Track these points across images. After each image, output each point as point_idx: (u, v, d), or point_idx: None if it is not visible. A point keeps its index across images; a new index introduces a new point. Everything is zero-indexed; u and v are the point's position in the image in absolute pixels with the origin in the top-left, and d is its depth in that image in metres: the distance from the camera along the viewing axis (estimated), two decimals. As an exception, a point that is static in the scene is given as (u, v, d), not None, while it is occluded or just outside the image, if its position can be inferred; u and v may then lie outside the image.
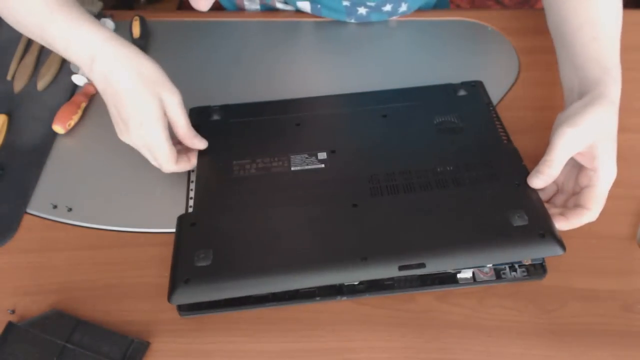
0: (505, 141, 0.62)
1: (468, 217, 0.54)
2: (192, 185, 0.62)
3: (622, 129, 0.66)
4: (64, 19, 0.57)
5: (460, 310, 0.54)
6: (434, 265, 0.52)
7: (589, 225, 0.59)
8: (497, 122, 0.64)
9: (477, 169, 0.58)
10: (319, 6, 0.79)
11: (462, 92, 0.67)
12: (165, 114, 0.59)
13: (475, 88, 0.68)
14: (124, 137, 0.60)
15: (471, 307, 0.55)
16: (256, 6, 0.85)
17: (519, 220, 0.53)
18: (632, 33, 0.74)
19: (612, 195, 0.61)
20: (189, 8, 0.90)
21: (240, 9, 0.86)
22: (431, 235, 0.53)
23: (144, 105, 0.57)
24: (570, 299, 0.55)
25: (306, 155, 0.61)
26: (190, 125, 0.61)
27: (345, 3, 0.77)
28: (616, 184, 0.62)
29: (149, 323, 0.55)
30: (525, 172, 0.58)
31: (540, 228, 0.53)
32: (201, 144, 0.63)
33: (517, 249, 0.53)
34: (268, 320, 0.54)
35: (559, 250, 0.52)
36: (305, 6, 0.80)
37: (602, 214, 0.60)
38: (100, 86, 0.58)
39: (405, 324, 0.54)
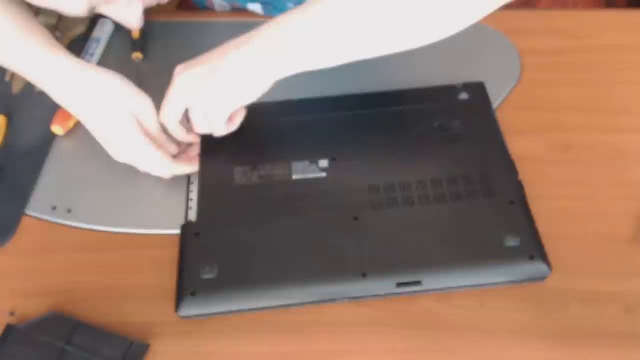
0: (503, 153, 0.61)
1: (463, 235, 0.55)
2: (192, 187, 0.62)
3: (622, 129, 0.66)
4: (23, 52, 0.59)
5: (461, 312, 0.54)
6: (430, 283, 0.54)
7: (590, 226, 0.59)
8: (496, 132, 0.63)
9: (474, 183, 0.59)
10: (270, 7, 0.79)
11: (463, 96, 0.66)
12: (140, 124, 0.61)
13: (477, 91, 0.67)
14: (117, 158, 0.62)
15: (473, 308, 0.54)
16: (227, 9, 0.84)
17: (511, 242, 0.54)
18: (632, 33, 0.74)
19: (613, 197, 0.61)
20: (189, 8, 0.90)
21: (210, 9, 0.86)
22: (428, 252, 0.55)
23: (115, 125, 0.60)
24: (572, 301, 0.55)
25: (308, 163, 0.61)
26: (161, 130, 0.62)
27: (289, 5, 0.77)
28: (618, 185, 0.62)
29: (149, 325, 0.54)
30: (521, 189, 0.58)
31: (531, 250, 0.54)
32: (172, 148, 0.63)
33: (507, 271, 0.54)
34: (268, 323, 0.54)
35: (546, 272, 0.54)
36: (257, 8, 0.80)
37: (603, 215, 0.60)
38: (78, 118, 0.62)
39: (406, 326, 0.54)
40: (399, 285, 0.53)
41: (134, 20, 0.67)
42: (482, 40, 0.77)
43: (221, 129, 0.61)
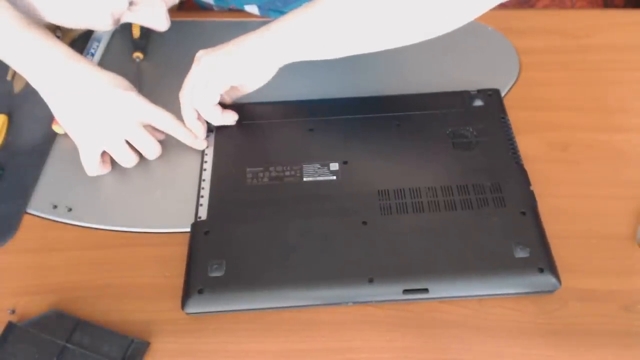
0: (515, 162, 0.61)
1: (472, 243, 0.55)
2: (204, 184, 0.62)
3: (620, 128, 0.66)
4: (18, 40, 0.60)
5: (460, 310, 0.54)
6: (437, 291, 0.54)
7: (589, 225, 0.59)
8: (509, 140, 0.63)
9: (485, 191, 0.58)
10: (267, 8, 0.80)
11: (478, 102, 0.66)
12: (127, 116, 0.63)
13: (492, 98, 0.67)
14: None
15: (472, 307, 0.55)
16: (225, 10, 0.85)
17: (521, 252, 0.54)
18: (630, 32, 0.75)
19: (612, 195, 0.61)
20: (189, 8, 0.90)
21: (209, 9, 0.86)
22: (436, 259, 0.54)
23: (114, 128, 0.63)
24: (571, 299, 0.55)
25: (318, 166, 0.62)
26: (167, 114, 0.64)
27: (285, 10, 0.78)
28: (616, 184, 0.62)
29: (149, 323, 0.54)
30: (532, 199, 0.58)
31: (540, 262, 0.54)
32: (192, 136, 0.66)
33: (516, 282, 0.54)
34: (269, 320, 0.54)
35: (556, 285, 0.54)
36: (254, 9, 0.80)
37: (602, 214, 0.60)
38: (59, 111, 0.64)
39: (406, 324, 0.54)
40: (406, 291, 0.53)
41: (160, 22, 0.68)
42: (481, 40, 0.78)
43: (211, 101, 0.63)
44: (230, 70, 0.61)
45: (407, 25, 0.58)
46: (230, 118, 0.66)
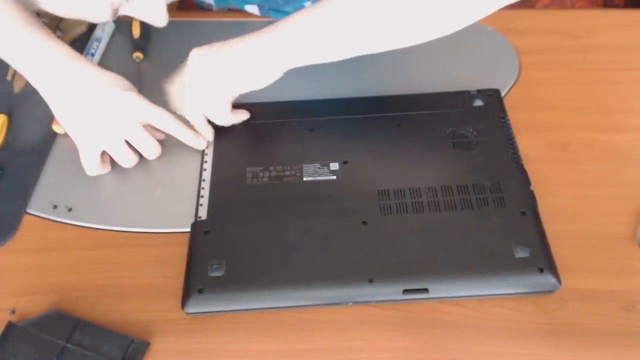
0: (515, 162, 0.61)
1: (472, 243, 0.55)
2: (204, 184, 0.62)
3: (620, 128, 0.66)
4: (19, 40, 0.60)
5: (460, 310, 0.54)
6: (437, 291, 0.54)
7: (589, 225, 0.59)
8: (509, 140, 0.63)
9: (485, 191, 0.58)
10: (267, 7, 0.80)
11: (478, 102, 0.66)
12: (129, 116, 0.63)
13: (492, 98, 0.67)
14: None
15: (472, 307, 0.55)
16: (225, 10, 0.85)
17: (521, 252, 0.54)
18: (629, 32, 0.75)
19: (612, 195, 0.61)
20: (189, 8, 0.90)
21: (209, 9, 0.86)
22: (436, 259, 0.55)
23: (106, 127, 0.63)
24: (571, 299, 0.55)
25: (318, 165, 0.62)
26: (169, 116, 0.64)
27: (287, 9, 0.78)
28: (616, 184, 0.62)
29: (149, 323, 0.55)
30: (532, 199, 0.58)
31: (540, 262, 0.54)
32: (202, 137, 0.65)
33: (516, 282, 0.54)
34: (269, 320, 0.54)
35: (556, 285, 0.54)
36: (254, 9, 0.80)
37: (602, 214, 0.60)
38: (60, 114, 0.64)
39: (406, 324, 0.54)
40: (406, 291, 0.54)
41: (158, 18, 0.68)
42: (481, 40, 0.78)
43: (226, 110, 0.63)
44: (227, 72, 0.61)
45: (416, 25, 0.57)
46: (241, 117, 0.66)
